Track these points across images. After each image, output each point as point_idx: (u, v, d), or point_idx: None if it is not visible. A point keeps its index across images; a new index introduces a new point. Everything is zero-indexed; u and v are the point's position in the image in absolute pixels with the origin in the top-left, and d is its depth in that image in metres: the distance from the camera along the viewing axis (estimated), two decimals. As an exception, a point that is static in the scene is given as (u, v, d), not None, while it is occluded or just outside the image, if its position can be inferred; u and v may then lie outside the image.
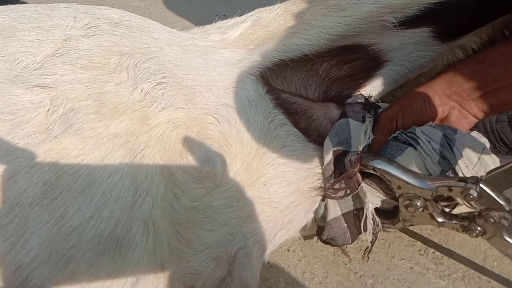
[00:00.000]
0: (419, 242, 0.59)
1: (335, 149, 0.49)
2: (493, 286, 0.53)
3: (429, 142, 0.48)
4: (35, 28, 0.43)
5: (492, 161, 0.47)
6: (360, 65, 0.54)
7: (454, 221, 0.48)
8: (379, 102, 0.55)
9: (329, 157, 0.49)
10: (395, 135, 0.51)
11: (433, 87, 0.51)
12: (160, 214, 0.41)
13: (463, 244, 0.58)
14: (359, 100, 0.53)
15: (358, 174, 0.48)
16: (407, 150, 0.48)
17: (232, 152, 0.46)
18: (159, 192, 0.41)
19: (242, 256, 0.46)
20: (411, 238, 0.59)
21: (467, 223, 0.47)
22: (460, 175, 0.47)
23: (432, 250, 0.58)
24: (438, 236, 0.59)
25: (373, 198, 0.51)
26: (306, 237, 0.60)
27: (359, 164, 0.48)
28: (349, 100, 0.54)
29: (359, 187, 0.48)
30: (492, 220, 0.44)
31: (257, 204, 0.47)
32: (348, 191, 0.48)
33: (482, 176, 0.43)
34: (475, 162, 0.47)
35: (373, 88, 0.56)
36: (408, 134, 0.49)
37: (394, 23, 0.49)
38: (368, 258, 0.56)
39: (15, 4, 0.47)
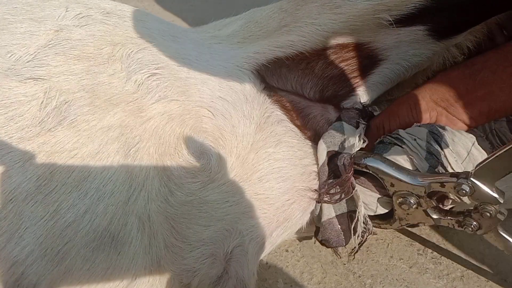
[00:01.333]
0: (418, 242, 0.60)
1: (329, 150, 0.51)
2: (491, 285, 0.55)
3: (415, 140, 0.50)
4: (27, 20, 0.44)
5: (481, 156, 0.49)
6: (355, 63, 0.56)
7: (449, 217, 0.49)
8: (375, 111, 0.57)
9: (323, 158, 0.51)
10: (380, 139, 0.53)
11: (420, 92, 0.53)
12: (155, 209, 0.42)
13: (461, 244, 0.60)
14: (356, 106, 0.56)
15: (352, 178, 0.50)
16: (393, 148, 0.51)
17: (227, 146, 0.47)
18: (153, 187, 0.42)
19: (238, 253, 0.46)
20: (409, 238, 0.61)
21: (462, 218, 0.48)
22: (450, 169, 0.48)
23: (431, 250, 0.59)
24: (437, 236, 0.61)
25: (367, 198, 0.52)
26: (304, 238, 0.61)
27: (352, 168, 0.50)
28: (346, 105, 0.56)
29: (354, 190, 0.50)
30: (488, 214, 0.45)
31: (253, 200, 0.48)
32: (343, 196, 0.50)
33: (473, 170, 0.44)
34: (464, 157, 0.49)
35: (369, 87, 0.57)
36: (392, 135, 0.52)
37: (390, 21, 0.51)
38: (354, 257, 0.57)
39: None
